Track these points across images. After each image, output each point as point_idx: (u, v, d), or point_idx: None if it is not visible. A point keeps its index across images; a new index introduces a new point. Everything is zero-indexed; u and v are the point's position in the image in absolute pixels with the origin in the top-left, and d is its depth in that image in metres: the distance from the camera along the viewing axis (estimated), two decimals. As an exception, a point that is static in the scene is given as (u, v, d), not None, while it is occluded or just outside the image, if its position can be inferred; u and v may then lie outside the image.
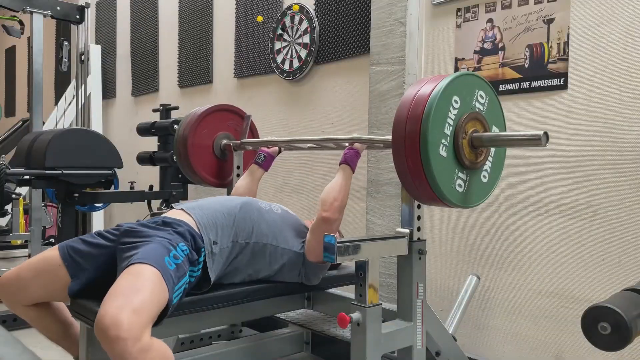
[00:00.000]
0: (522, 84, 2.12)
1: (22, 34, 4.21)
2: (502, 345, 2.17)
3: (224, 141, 2.50)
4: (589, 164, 1.94)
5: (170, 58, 4.29)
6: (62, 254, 1.64)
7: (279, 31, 3.17)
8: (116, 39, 5.01)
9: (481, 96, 1.55)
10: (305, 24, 3.03)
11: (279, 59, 3.19)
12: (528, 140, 1.44)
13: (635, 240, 1.83)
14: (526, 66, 2.11)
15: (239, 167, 2.45)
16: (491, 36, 2.22)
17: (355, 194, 2.74)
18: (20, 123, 5.17)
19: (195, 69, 4.00)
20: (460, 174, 1.51)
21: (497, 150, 1.64)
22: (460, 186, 1.51)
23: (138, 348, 1.27)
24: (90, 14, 4.61)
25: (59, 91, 5.77)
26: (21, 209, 4.23)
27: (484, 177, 1.60)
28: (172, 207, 1.85)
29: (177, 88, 4.20)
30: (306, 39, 3.02)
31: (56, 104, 5.12)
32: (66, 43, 4.28)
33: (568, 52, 2.00)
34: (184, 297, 1.63)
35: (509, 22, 2.16)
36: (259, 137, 2.64)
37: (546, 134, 1.39)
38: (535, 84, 2.08)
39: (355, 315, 1.49)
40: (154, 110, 3.88)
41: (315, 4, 3.02)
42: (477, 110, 1.54)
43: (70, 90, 4.82)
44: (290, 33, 3.13)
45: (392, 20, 2.40)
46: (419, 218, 1.65)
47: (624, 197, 1.86)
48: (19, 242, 4.59)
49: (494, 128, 1.59)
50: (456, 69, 2.33)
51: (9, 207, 4.01)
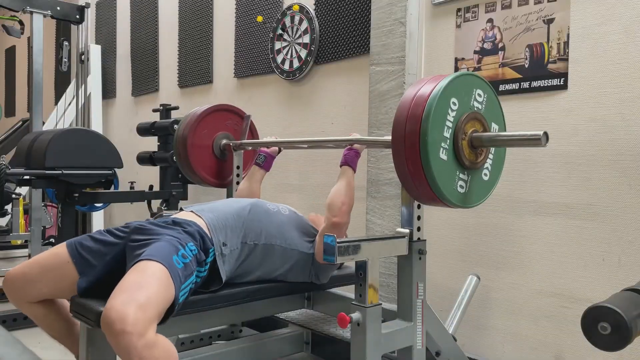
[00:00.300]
0: (522, 84, 2.12)
1: (22, 34, 4.21)
2: (502, 345, 2.17)
3: (224, 141, 2.50)
4: (589, 164, 1.94)
5: (170, 58, 4.29)
6: (70, 250, 1.64)
7: (279, 31, 3.17)
8: (116, 39, 5.01)
9: (479, 95, 1.55)
10: (305, 24, 3.03)
11: (279, 59, 3.19)
12: (528, 140, 1.44)
13: (635, 240, 1.83)
14: (526, 66, 2.11)
15: (238, 167, 2.45)
16: (491, 36, 2.22)
17: (355, 194, 2.75)
18: (20, 123, 5.17)
19: (195, 69, 4.00)
20: (461, 175, 1.51)
21: (498, 148, 1.64)
22: (461, 187, 1.51)
23: (143, 343, 1.28)
24: (90, 14, 4.61)
25: (59, 91, 5.77)
26: (21, 209, 4.23)
27: (485, 175, 1.60)
28: (181, 209, 1.87)
29: (177, 88, 4.20)
30: (306, 39, 3.02)
31: (56, 104, 5.12)
32: (66, 43, 4.28)
33: (568, 52, 2.00)
34: (189, 296, 1.63)
35: (509, 22, 2.16)
36: (258, 137, 2.64)
37: (546, 134, 1.39)
38: (535, 84, 2.08)
39: (355, 315, 1.49)
40: (154, 110, 3.88)
41: (315, 4, 3.02)
42: (475, 109, 1.53)
43: (70, 90, 4.82)
44: (290, 33, 3.13)
45: (392, 20, 2.40)
46: (419, 218, 1.65)
47: (624, 197, 1.86)
48: (19, 242, 4.59)
49: (493, 126, 1.59)
50: (456, 69, 2.33)
51: (9, 207, 4.02)
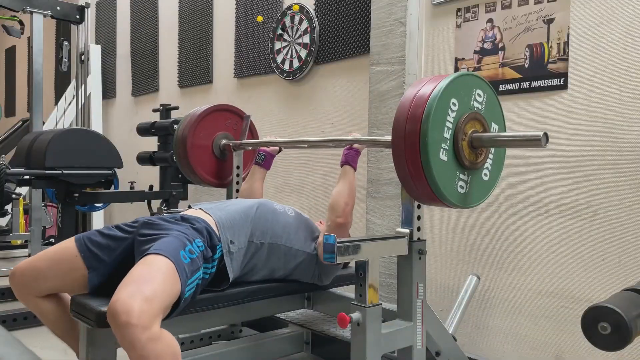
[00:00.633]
0: (522, 84, 2.12)
1: (22, 34, 4.22)
2: (502, 345, 2.17)
3: (223, 141, 2.50)
4: (589, 164, 1.94)
5: (170, 58, 4.29)
6: (78, 245, 1.64)
7: (279, 31, 3.17)
8: (116, 39, 5.01)
9: (479, 95, 1.54)
10: (305, 24, 3.03)
11: (279, 59, 3.19)
12: (528, 141, 1.44)
13: (635, 240, 1.83)
14: (526, 66, 2.11)
15: (238, 167, 2.45)
16: (491, 36, 2.22)
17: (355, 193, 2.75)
18: (20, 123, 5.18)
19: (195, 69, 4.00)
20: (461, 176, 1.51)
21: (498, 148, 1.64)
22: (462, 187, 1.51)
23: (147, 336, 1.28)
24: (90, 14, 4.61)
25: (59, 91, 5.77)
26: (21, 209, 4.24)
27: (485, 175, 1.60)
28: (190, 207, 1.88)
29: (177, 88, 4.20)
30: (306, 39, 3.02)
31: (56, 104, 5.12)
32: (66, 43, 4.28)
33: (568, 52, 2.00)
34: (198, 293, 1.64)
35: (509, 22, 2.16)
36: (258, 137, 2.64)
37: (546, 134, 1.39)
38: (535, 84, 2.08)
39: (355, 315, 1.49)
40: (154, 110, 3.88)
41: (315, 4, 3.02)
42: (475, 109, 1.53)
43: (70, 90, 4.82)
44: (290, 33, 3.13)
45: (392, 20, 2.40)
46: (419, 218, 1.65)
47: (624, 197, 1.86)
48: (19, 242, 4.59)
49: (493, 126, 1.59)
50: (456, 69, 2.33)
51: (9, 207, 4.02)
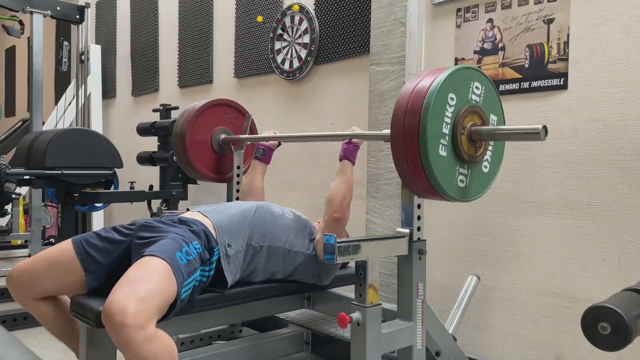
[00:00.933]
0: (522, 84, 2.12)
1: (22, 34, 4.22)
2: (502, 345, 2.17)
3: (222, 136, 2.49)
4: (589, 164, 1.94)
5: (170, 58, 4.29)
6: (75, 247, 1.64)
7: (279, 31, 3.17)
8: (116, 39, 5.00)
9: (477, 87, 1.53)
10: (305, 24, 3.03)
11: (279, 59, 3.19)
12: (527, 134, 1.43)
13: (635, 240, 1.83)
14: (526, 66, 2.11)
15: (239, 167, 2.45)
16: (491, 36, 2.22)
17: (355, 193, 2.75)
18: (20, 123, 5.17)
19: (195, 69, 4.00)
20: (461, 170, 1.50)
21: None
22: (462, 181, 1.51)
23: (142, 336, 1.28)
24: (90, 14, 4.61)
25: (59, 91, 5.77)
26: (21, 209, 4.24)
27: (485, 167, 1.59)
28: (188, 209, 1.88)
29: (177, 88, 4.20)
30: (306, 39, 3.02)
31: (56, 104, 5.12)
32: (66, 43, 4.28)
33: (568, 52, 2.00)
34: (196, 295, 1.64)
35: (509, 22, 2.16)
36: (259, 137, 2.65)
37: (545, 127, 1.38)
38: (535, 84, 2.08)
39: (355, 315, 1.49)
40: (154, 110, 3.88)
41: (315, 4, 3.02)
42: (473, 103, 1.51)
43: (70, 90, 4.82)
44: (290, 33, 3.13)
45: (392, 20, 2.40)
46: (419, 218, 1.65)
47: (624, 197, 1.86)
48: (19, 242, 4.60)
49: (491, 117, 1.57)
50: (456, 69, 2.33)
51: (9, 207, 4.02)
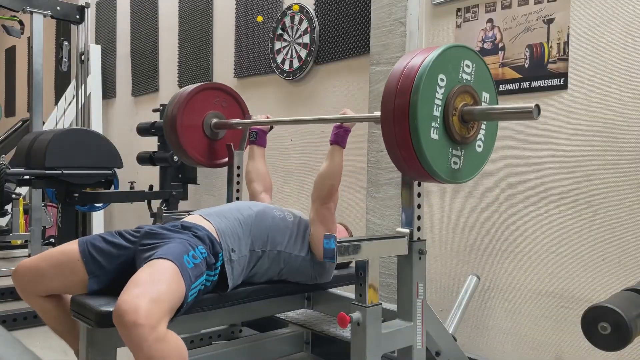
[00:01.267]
0: (522, 84, 2.12)
1: (22, 34, 4.22)
2: (502, 345, 2.17)
3: (214, 120, 2.48)
4: (589, 164, 1.94)
5: (170, 58, 4.29)
6: (81, 250, 1.65)
7: (279, 31, 3.17)
8: (116, 39, 5.01)
9: (467, 66, 1.50)
10: (305, 24, 3.03)
11: (279, 59, 3.19)
12: (519, 113, 1.42)
13: (635, 240, 1.83)
14: (526, 66, 2.11)
15: (239, 167, 2.45)
16: (491, 36, 2.22)
17: (355, 193, 2.75)
18: (20, 123, 5.18)
19: (195, 69, 4.00)
20: (454, 152, 1.49)
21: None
22: (455, 163, 1.50)
23: (154, 337, 1.29)
24: (90, 14, 4.61)
25: (59, 91, 5.77)
26: (21, 209, 4.24)
27: (479, 147, 1.57)
28: (189, 213, 1.88)
29: (177, 88, 4.19)
30: (306, 39, 3.02)
31: (56, 104, 5.12)
32: (66, 43, 4.28)
33: (568, 52, 2.00)
34: (198, 298, 1.64)
35: (509, 22, 2.16)
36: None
37: (537, 106, 1.36)
38: (535, 84, 2.08)
39: (355, 315, 1.49)
40: (154, 110, 3.88)
41: (315, 4, 3.02)
42: (464, 82, 1.49)
43: (70, 90, 4.82)
44: (290, 33, 3.13)
45: (392, 20, 2.40)
46: (419, 218, 1.65)
47: (624, 197, 1.86)
48: (19, 242, 4.60)
49: (484, 94, 1.55)
50: (456, 69, 2.33)
51: (9, 207, 4.02)
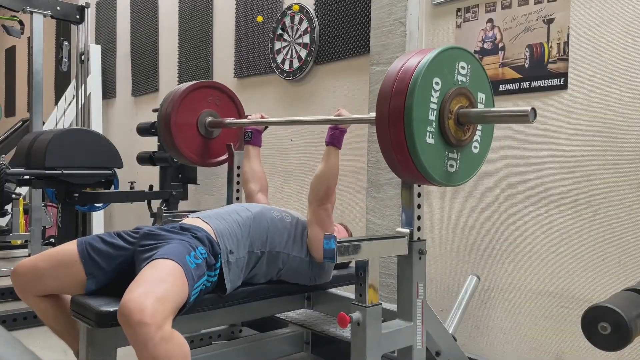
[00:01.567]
0: (522, 84, 2.12)
1: (22, 34, 4.21)
2: (502, 345, 2.17)
3: (208, 119, 2.47)
4: (589, 164, 1.94)
5: (170, 58, 4.29)
6: (80, 250, 1.65)
7: (279, 31, 3.17)
8: (116, 39, 5.00)
9: (462, 67, 1.49)
10: (305, 24, 3.03)
11: (279, 59, 3.19)
12: (516, 116, 1.41)
13: (635, 240, 1.83)
14: (526, 66, 2.11)
15: (239, 167, 2.45)
16: (491, 36, 2.22)
17: (355, 193, 2.75)
18: (20, 123, 5.18)
19: (195, 69, 4.00)
20: (450, 155, 1.48)
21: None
22: (452, 166, 1.49)
23: (160, 336, 1.29)
24: (90, 14, 4.61)
25: (59, 91, 5.77)
26: (21, 209, 4.24)
27: (475, 148, 1.57)
28: (187, 216, 1.88)
29: (177, 88, 4.20)
30: (306, 39, 3.02)
31: (56, 104, 5.12)
32: (66, 43, 4.28)
33: (568, 52, 2.00)
34: (199, 298, 1.64)
35: (509, 22, 2.16)
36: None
37: (534, 109, 1.35)
38: (535, 84, 2.08)
39: (355, 315, 1.49)
40: (154, 110, 3.87)
41: (315, 4, 3.02)
42: (460, 84, 1.48)
43: (70, 90, 4.82)
44: (290, 33, 3.13)
45: (392, 20, 2.40)
46: (419, 218, 1.65)
47: (624, 197, 1.86)
48: (19, 242, 4.60)
49: (479, 95, 1.54)
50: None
51: (9, 207, 4.02)
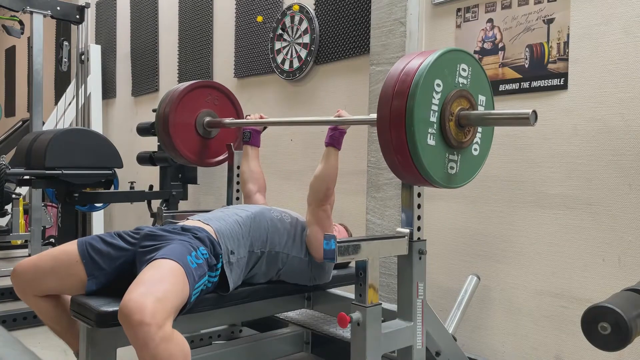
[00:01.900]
0: (522, 84, 2.12)
1: (22, 34, 4.21)
2: (502, 345, 2.17)
3: (207, 119, 2.47)
4: (589, 164, 1.94)
5: (170, 58, 4.29)
6: (80, 250, 1.65)
7: (279, 31, 3.17)
8: (116, 39, 5.00)
9: (463, 69, 1.49)
10: (305, 24, 3.03)
11: (279, 59, 3.19)
12: (516, 119, 1.41)
13: (635, 240, 1.83)
14: (526, 66, 2.11)
15: (239, 167, 2.45)
16: (491, 36, 2.22)
17: (355, 194, 2.75)
18: (20, 123, 5.18)
19: (195, 69, 4.00)
20: (450, 157, 1.48)
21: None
22: (452, 168, 1.50)
23: (161, 336, 1.29)
24: (90, 14, 4.61)
25: (59, 91, 5.77)
26: (21, 209, 4.24)
27: (475, 150, 1.57)
28: (187, 219, 1.89)
29: (177, 88, 4.20)
30: (306, 39, 3.02)
31: (56, 104, 5.12)
32: (66, 43, 4.28)
33: (568, 52, 2.00)
34: (200, 298, 1.64)
35: (509, 22, 2.16)
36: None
37: (535, 112, 1.35)
38: (535, 84, 2.08)
39: (355, 315, 1.49)
40: (154, 110, 3.85)
41: (315, 4, 3.02)
42: (460, 86, 1.48)
43: (70, 90, 4.82)
44: (290, 33, 3.13)
45: (392, 20, 2.40)
46: (419, 218, 1.65)
47: (624, 197, 1.86)
48: (19, 242, 4.60)
49: (480, 97, 1.55)
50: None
51: (9, 207, 4.02)
